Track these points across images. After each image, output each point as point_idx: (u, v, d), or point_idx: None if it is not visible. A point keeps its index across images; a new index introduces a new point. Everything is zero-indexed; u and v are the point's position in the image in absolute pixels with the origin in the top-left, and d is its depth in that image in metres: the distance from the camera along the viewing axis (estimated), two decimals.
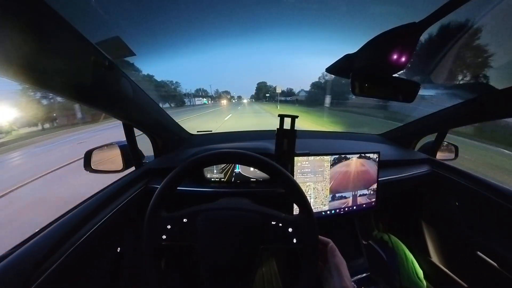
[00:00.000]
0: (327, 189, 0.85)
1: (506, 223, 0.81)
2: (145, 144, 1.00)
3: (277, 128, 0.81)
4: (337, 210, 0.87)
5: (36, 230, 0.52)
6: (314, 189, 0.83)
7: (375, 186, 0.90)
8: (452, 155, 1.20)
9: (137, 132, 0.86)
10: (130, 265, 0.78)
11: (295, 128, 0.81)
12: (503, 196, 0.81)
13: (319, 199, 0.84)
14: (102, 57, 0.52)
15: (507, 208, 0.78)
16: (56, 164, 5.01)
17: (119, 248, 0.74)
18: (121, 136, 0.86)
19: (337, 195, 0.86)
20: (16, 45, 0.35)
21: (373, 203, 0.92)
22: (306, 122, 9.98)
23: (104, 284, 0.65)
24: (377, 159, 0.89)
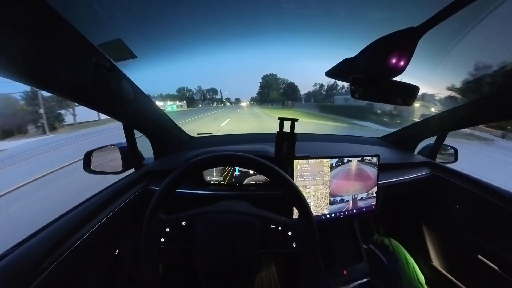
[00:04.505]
0: (327, 194, 0.84)
1: (506, 225, 0.80)
2: (145, 146, 1.00)
3: (277, 131, 0.81)
4: (337, 214, 0.87)
5: (34, 231, 0.51)
6: (314, 196, 0.83)
7: (375, 189, 0.90)
8: (452, 158, 1.20)
9: (137, 134, 0.87)
10: (128, 268, 0.77)
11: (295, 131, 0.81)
12: (503, 199, 0.80)
13: (319, 208, 0.84)
14: (104, 59, 0.53)
15: (508, 211, 0.78)
16: None
17: (117, 251, 0.73)
18: None
19: (337, 198, 0.86)
20: (18, 46, 0.35)
21: (373, 207, 0.91)
22: None
23: (101, 286, 0.65)
24: (377, 163, 0.89)
